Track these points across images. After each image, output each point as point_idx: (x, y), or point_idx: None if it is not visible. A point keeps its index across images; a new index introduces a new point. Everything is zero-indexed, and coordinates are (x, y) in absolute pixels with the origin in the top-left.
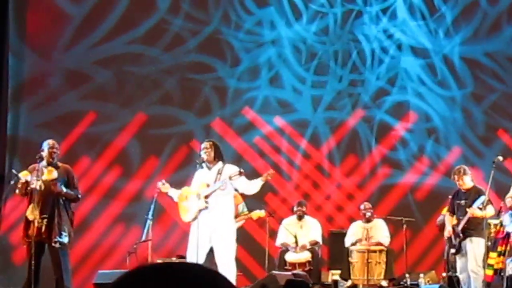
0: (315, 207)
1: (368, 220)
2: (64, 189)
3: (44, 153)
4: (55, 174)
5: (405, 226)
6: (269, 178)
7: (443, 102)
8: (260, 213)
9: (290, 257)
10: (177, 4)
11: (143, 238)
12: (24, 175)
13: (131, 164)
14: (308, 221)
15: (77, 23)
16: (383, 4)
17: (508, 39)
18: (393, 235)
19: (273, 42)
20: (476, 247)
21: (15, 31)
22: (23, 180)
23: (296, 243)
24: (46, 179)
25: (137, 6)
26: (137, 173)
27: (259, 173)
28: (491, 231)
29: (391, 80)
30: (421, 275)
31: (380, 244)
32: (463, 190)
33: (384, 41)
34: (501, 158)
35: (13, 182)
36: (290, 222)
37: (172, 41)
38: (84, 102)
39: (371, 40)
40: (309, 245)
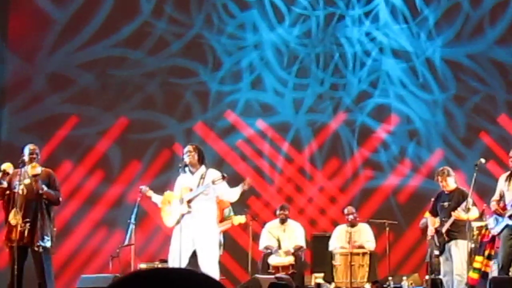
0: (298, 210)
1: (353, 224)
2: (45, 188)
3: (26, 157)
4: (38, 169)
5: (388, 229)
6: (245, 189)
7: (425, 104)
8: (241, 218)
9: (273, 260)
10: (160, 7)
11: (126, 242)
12: (8, 167)
13: (113, 168)
14: (291, 224)
15: (60, 27)
16: (365, 8)
17: (491, 42)
18: (376, 238)
19: (256, 45)
20: (462, 250)
21: None
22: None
23: (279, 246)
24: (30, 173)
25: (120, 9)
26: (119, 177)
27: (241, 176)
28: (474, 233)
29: (373, 83)
30: (404, 277)
31: (364, 248)
32: (446, 192)
33: (366, 44)
34: (483, 160)
35: None
36: (273, 225)
37: (155, 45)
38: (66, 105)
39: (353, 43)
40: (293, 250)
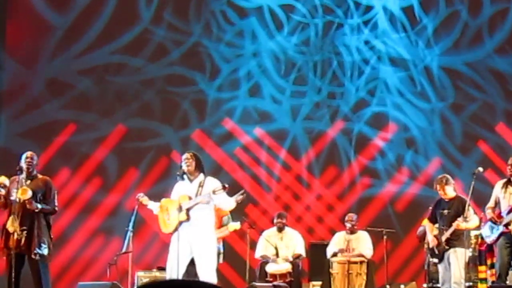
0: (295, 218)
1: (352, 232)
2: (39, 205)
3: (23, 165)
4: (29, 193)
5: (385, 237)
6: (238, 200)
7: (422, 113)
8: (236, 225)
9: (270, 268)
10: (159, 14)
11: (123, 250)
12: (3, 180)
13: (110, 176)
14: (289, 232)
15: (60, 33)
16: (364, 17)
17: (489, 51)
18: (374, 246)
19: (254, 52)
20: (460, 258)
21: None
22: (3, 192)
23: (277, 254)
24: (21, 198)
25: (120, 16)
26: (117, 185)
27: (239, 184)
28: (471, 242)
29: (371, 91)
30: (401, 286)
31: (361, 256)
32: (446, 200)
33: (365, 52)
34: (481, 169)
35: None
36: (270, 233)
37: (154, 52)
38: (64, 112)
39: (352, 51)
40: (291, 258)
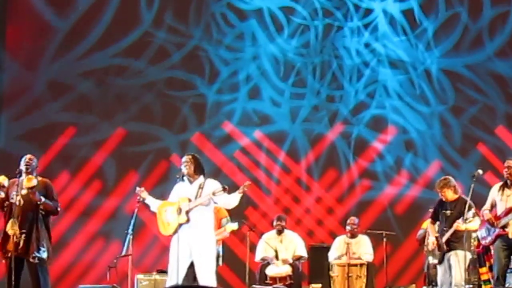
0: (295, 221)
1: (353, 235)
2: (43, 198)
3: (23, 168)
4: (34, 181)
5: (385, 240)
6: (245, 190)
7: (422, 115)
8: (233, 226)
9: (270, 271)
10: (160, 17)
11: (123, 253)
12: (2, 179)
13: (110, 180)
14: (288, 235)
15: (61, 36)
16: (363, 20)
17: (490, 53)
18: (373, 249)
19: (254, 54)
20: (461, 261)
21: None
22: (2, 195)
23: (277, 257)
24: (25, 186)
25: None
26: (116, 188)
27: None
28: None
29: (370, 94)
30: None
31: (361, 259)
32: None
33: (365, 55)
34: (481, 171)
35: None
36: (270, 236)
37: (155, 55)
38: (64, 114)
39: (351, 54)
40: (291, 260)
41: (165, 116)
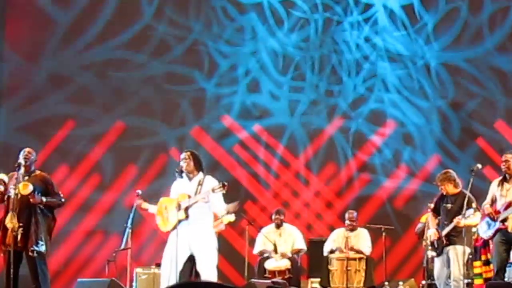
0: (294, 215)
1: (352, 229)
2: (44, 198)
3: (21, 161)
4: (30, 188)
5: (384, 234)
6: (229, 209)
7: (421, 110)
8: (230, 217)
9: (269, 265)
10: (161, 11)
11: (122, 247)
12: (1, 176)
13: (109, 173)
14: (287, 229)
15: (62, 29)
16: (363, 15)
17: (490, 48)
18: (372, 243)
19: (253, 48)
20: (460, 255)
21: None
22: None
23: (275, 251)
24: (22, 194)
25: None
26: (115, 182)
27: (238, 181)
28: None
29: (369, 88)
30: (400, 283)
31: (360, 252)
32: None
33: (364, 49)
34: (480, 166)
35: None
36: (269, 230)
37: (156, 48)
38: (64, 107)
39: (351, 48)
40: (290, 254)
41: (164, 109)
